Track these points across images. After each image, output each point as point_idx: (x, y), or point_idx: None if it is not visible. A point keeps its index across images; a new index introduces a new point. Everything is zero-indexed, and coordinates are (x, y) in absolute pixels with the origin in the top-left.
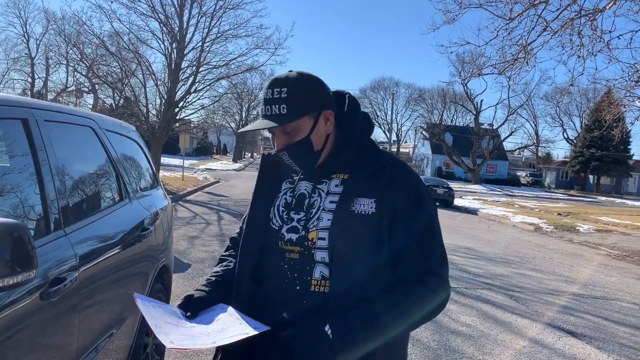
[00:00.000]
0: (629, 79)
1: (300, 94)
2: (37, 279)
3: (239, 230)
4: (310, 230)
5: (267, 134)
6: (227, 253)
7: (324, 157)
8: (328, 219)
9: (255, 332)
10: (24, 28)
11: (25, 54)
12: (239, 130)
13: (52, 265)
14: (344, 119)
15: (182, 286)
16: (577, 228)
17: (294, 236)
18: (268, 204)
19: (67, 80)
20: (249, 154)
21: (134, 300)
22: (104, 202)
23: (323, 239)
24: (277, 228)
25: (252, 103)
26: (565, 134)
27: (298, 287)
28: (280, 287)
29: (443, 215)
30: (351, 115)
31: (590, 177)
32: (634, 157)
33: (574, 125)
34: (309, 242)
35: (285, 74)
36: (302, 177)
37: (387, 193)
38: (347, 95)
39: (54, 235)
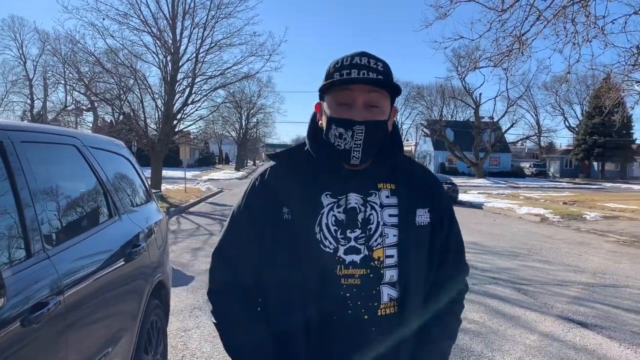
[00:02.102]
0: (626, 63)
1: (391, 76)
2: (17, 306)
3: (225, 263)
4: (374, 248)
5: (269, 140)
6: (239, 308)
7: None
8: (394, 235)
9: None
10: (20, 50)
11: (23, 75)
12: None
13: (34, 290)
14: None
15: (186, 299)
16: (583, 216)
17: (356, 258)
18: (309, 222)
19: (66, 99)
20: (251, 162)
21: None
22: (90, 221)
23: (391, 256)
24: (331, 251)
25: (252, 110)
26: (566, 122)
27: (366, 317)
28: (343, 320)
29: None
30: (395, 124)
31: (595, 164)
32: (637, 142)
33: (575, 113)
34: (376, 262)
35: None
36: (346, 188)
37: (437, 203)
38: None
39: (35, 259)
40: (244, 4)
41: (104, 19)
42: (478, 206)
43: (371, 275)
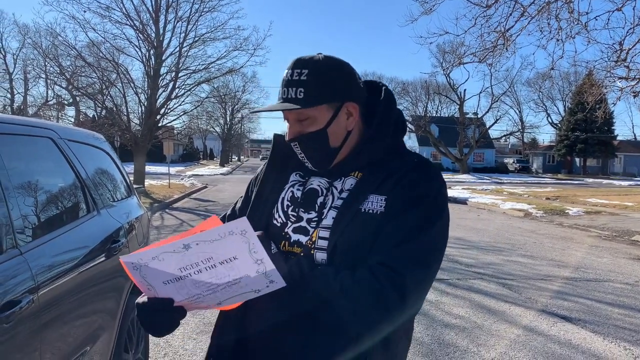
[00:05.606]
0: (609, 60)
1: (321, 79)
2: None
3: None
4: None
5: (253, 135)
6: None
7: (342, 155)
8: (332, 217)
9: (269, 289)
10: (0, 43)
11: (3, 69)
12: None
13: (4, 288)
14: (375, 115)
15: None
16: (566, 211)
17: (303, 238)
18: (274, 194)
19: (47, 93)
20: (236, 158)
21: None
22: (67, 216)
23: (324, 238)
24: (279, 225)
25: (236, 106)
26: (549, 118)
27: None
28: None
29: None
30: (385, 111)
31: (577, 159)
32: (618, 138)
33: (558, 109)
34: (309, 242)
35: (311, 55)
36: (315, 171)
37: (397, 190)
38: (383, 88)
39: (6, 256)
40: None
41: (85, 12)
42: (462, 202)
43: (304, 255)
